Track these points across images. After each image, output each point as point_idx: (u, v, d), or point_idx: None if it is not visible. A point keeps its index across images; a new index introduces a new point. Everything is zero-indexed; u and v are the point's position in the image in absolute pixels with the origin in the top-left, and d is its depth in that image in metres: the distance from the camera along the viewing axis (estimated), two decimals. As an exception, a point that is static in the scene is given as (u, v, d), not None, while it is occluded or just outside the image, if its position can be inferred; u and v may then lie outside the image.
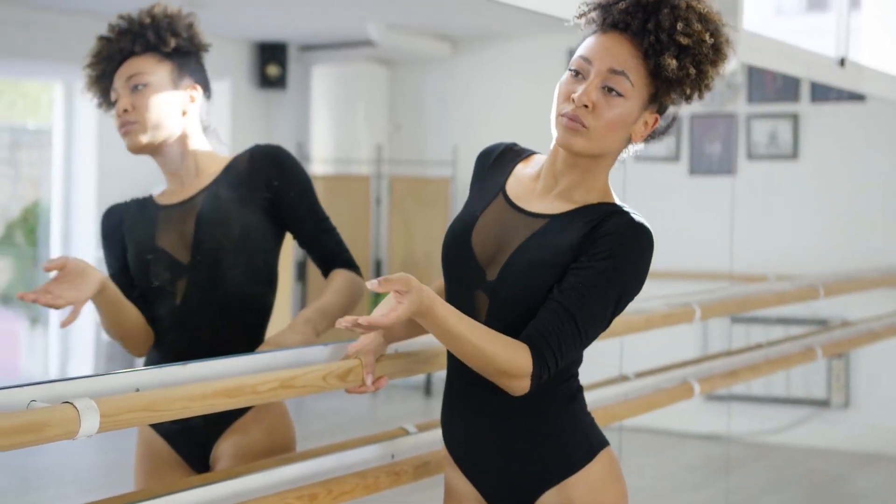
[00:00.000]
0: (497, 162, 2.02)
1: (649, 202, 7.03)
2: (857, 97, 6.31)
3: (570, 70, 1.87)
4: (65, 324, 2.12)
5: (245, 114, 7.73)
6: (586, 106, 1.82)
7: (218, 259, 2.26)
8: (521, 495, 1.94)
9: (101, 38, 2.34)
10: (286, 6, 6.52)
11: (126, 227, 2.37)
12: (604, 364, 3.35)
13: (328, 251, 2.33)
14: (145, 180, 2.49)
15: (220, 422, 2.27)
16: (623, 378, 3.10)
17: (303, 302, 7.52)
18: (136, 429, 2.31)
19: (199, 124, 2.36)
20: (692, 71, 1.83)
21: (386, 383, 2.06)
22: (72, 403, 1.52)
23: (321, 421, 6.26)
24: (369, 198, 7.72)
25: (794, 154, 6.73)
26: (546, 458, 1.91)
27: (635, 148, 1.94)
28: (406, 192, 7.67)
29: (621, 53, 1.83)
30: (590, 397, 2.84)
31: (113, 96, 2.31)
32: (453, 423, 1.99)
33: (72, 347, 7.73)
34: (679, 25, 1.81)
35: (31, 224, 8.03)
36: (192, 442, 2.31)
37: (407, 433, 2.28)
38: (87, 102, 2.40)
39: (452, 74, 7.77)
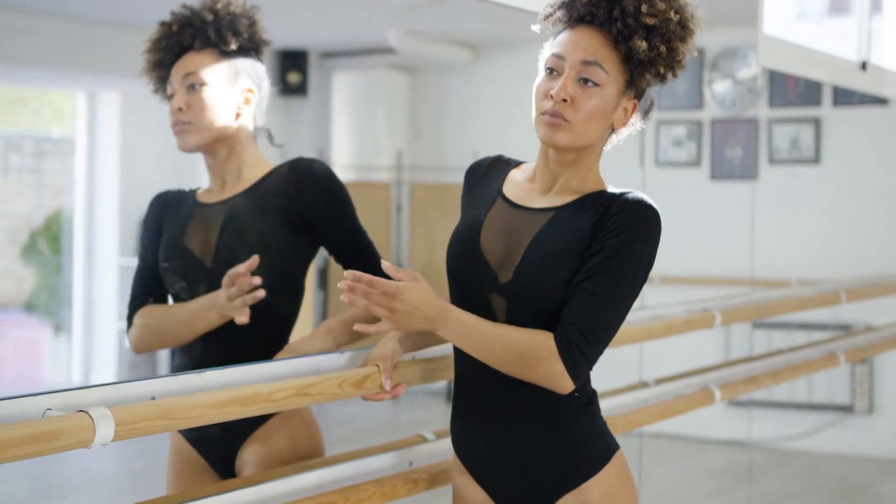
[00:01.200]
0: (488, 172, 2.04)
1: (670, 207, 7.00)
2: (880, 101, 6.27)
3: (545, 69, 1.91)
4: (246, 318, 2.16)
5: (266, 121, 7.74)
6: (565, 100, 1.85)
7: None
8: (538, 500, 1.94)
9: (162, 24, 2.32)
10: (307, 14, 6.54)
11: (165, 219, 2.37)
12: (623, 370, 3.34)
13: (361, 265, 2.30)
14: (168, 188, 2.49)
15: (244, 429, 2.26)
16: (643, 384, 3.09)
17: (324, 310, 7.53)
18: (161, 435, 2.31)
19: (252, 126, 2.36)
20: (663, 49, 1.87)
21: (404, 390, 2.06)
22: (86, 412, 1.52)
23: (343, 427, 6.25)
24: (390, 204, 7.73)
25: (816, 158, 6.69)
26: (564, 462, 1.91)
27: (619, 137, 1.97)
28: (427, 199, 7.67)
29: (592, 44, 1.87)
30: (609, 403, 2.85)
31: (169, 90, 2.32)
32: (466, 430, 1.99)
33: (94, 355, 7.77)
34: (643, 7, 1.85)
35: (54, 232, 8.07)
36: (218, 448, 2.30)
37: (425, 440, 2.27)
38: (110, 111, 2.40)
39: (472, 81, 7.77)
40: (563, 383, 1.81)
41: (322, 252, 2.37)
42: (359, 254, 2.31)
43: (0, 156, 8.06)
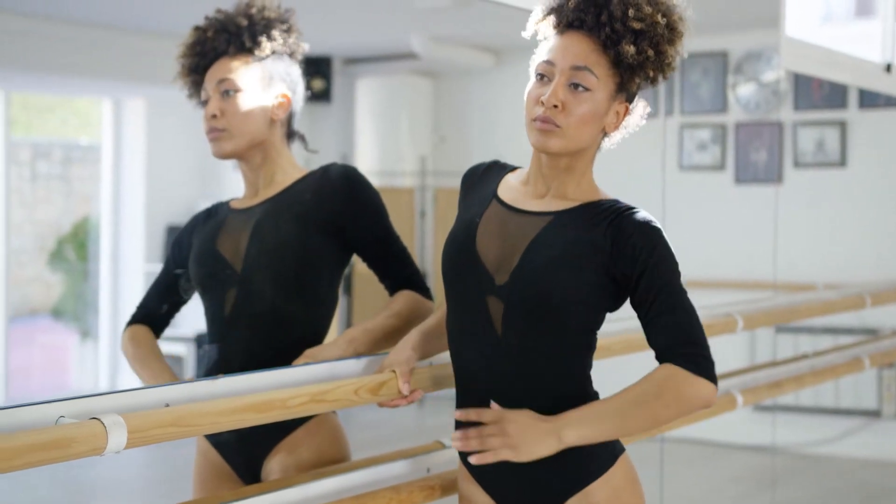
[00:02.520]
0: (484, 175, 2.05)
1: (694, 211, 7.00)
2: (906, 103, 6.23)
3: (535, 75, 1.92)
4: None
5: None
6: (556, 106, 1.86)
7: (266, 273, 2.22)
8: (541, 502, 1.93)
9: (197, 29, 2.32)
10: (330, 20, 6.55)
11: (196, 232, 2.37)
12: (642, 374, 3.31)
13: (394, 272, 2.29)
14: (192, 196, 2.50)
15: (271, 438, 2.25)
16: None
17: (349, 314, 7.53)
18: (189, 441, 2.32)
19: (286, 131, 2.35)
20: (651, 53, 1.88)
21: (420, 396, 2.06)
22: (99, 419, 1.52)
23: (365, 432, 6.24)
24: (413, 210, 7.73)
25: (842, 161, 6.65)
26: (567, 465, 1.90)
27: (612, 140, 1.98)
28: (450, 204, 7.63)
29: (581, 50, 1.88)
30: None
31: (203, 96, 2.31)
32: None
33: (120, 361, 7.81)
34: (630, 12, 1.86)
35: (81, 239, 8.12)
36: (244, 456, 2.29)
37: (443, 446, 2.26)
38: (135, 118, 2.40)
39: (496, 85, 7.76)
40: (709, 394, 1.82)
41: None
42: (392, 260, 2.29)
43: (28, 163, 8.11)
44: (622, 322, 2.81)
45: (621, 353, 2.77)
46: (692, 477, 6.05)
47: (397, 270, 2.30)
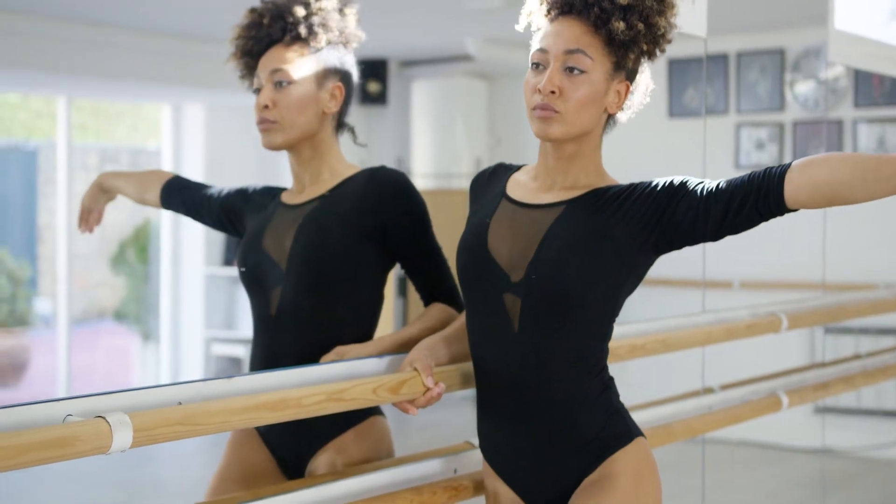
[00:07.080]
0: (491, 178, 2.06)
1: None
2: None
3: (531, 65, 1.92)
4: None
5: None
6: (553, 92, 1.85)
7: (309, 274, 2.21)
8: (562, 489, 1.93)
9: (252, 11, 2.31)
10: (386, 24, 6.56)
11: (251, 213, 2.38)
12: (689, 375, 3.27)
13: (431, 285, 2.27)
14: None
15: (320, 438, 2.24)
16: (707, 390, 3.02)
17: (404, 318, 7.54)
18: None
19: (337, 125, 2.33)
20: (641, 27, 1.87)
21: (439, 396, 2.04)
22: (104, 418, 1.52)
23: (421, 434, 6.25)
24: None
25: (903, 159, 6.50)
26: (583, 451, 1.91)
27: (618, 121, 1.97)
28: (506, 206, 7.62)
29: (573, 33, 1.88)
30: (669, 410, 2.79)
31: (255, 83, 2.30)
32: (490, 432, 1.99)
33: (181, 362, 7.89)
34: None
35: (142, 242, 8.22)
36: (292, 451, 2.28)
37: (472, 447, 2.24)
38: (195, 123, 2.40)
39: (551, 86, 7.72)
40: None
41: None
42: (431, 273, 2.27)
43: (97, 168, 8.23)
44: (659, 322, 2.78)
45: (657, 353, 2.73)
46: (751, 481, 5.96)
47: (434, 284, 2.28)
